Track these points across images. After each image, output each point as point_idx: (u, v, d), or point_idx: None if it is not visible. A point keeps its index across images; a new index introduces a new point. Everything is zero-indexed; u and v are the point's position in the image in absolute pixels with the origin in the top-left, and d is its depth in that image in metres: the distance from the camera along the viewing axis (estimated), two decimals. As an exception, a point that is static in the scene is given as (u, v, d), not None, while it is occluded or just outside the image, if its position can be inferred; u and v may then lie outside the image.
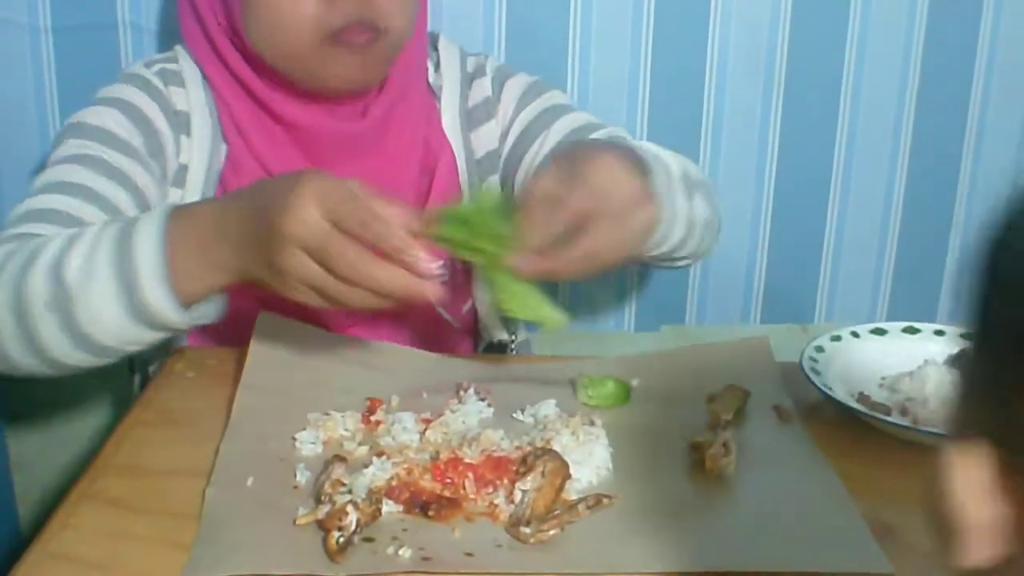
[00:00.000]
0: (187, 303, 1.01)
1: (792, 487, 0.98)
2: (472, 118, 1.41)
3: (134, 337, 1.04)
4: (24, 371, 1.08)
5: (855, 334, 1.22)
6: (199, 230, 1.01)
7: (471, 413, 1.06)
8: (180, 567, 0.84)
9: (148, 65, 1.32)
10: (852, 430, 1.09)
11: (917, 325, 1.24)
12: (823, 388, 1.10)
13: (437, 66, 1.41)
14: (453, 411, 1.06)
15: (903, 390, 1.13)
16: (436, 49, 1.42)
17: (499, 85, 1.43)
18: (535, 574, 0.85)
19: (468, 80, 1.42)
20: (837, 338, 1.21)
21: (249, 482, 0.95)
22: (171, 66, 1.32)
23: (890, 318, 1.77)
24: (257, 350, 1.13)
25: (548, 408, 1.08)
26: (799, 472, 1.01)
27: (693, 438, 1.03)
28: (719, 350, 1.23)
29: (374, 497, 0.90)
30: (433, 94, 1.39)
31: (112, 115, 1.25)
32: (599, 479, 0.98)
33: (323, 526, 0.87)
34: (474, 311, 1.40)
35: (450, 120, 1.39)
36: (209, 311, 1.05)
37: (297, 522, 0.89)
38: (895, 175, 1.73)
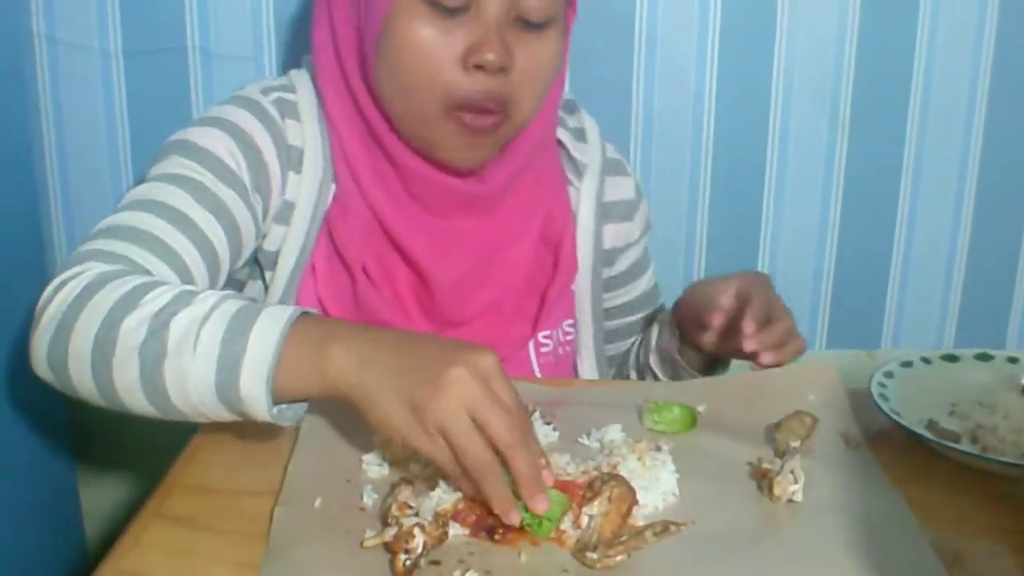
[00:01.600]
0: (278, 401, 0.97)
1: (860, 515, 0.97)
2: (609, 212, 1.42)
3: (211, 412, 0.99)
4: (77, 394, 1.04)
5: (926, 360, 1.21)
6: (328, 332, 0.97)
7: (537, 437, 1.06)
8: (249, 587, 0.85)
9: (265, 92, 1.28)
10: (921, 457, 1.08)
11: (990, 352, 1.22)
12: (891, 414, 1.09)
13: (581, 136, 1.40)
14: (519, 434, 1.06)
15: (974, 417, 1.12)
16: (572, 114, 1.41)
17: (639, 194, 1.47)
18: (602, 599, 0.85)
19: (608, 168, 1.42)
20: (908, 364, 1.20)
21: (317, 503, 0.95)
22: (288, 96, 1.28)
23: (958, 344, 1.76)
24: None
25: (614, 433, 1.07)
26: (867, 500, 0.99)
27: (760, 465, 1.02)
28: (786, 376, 1.22)
29: (441, 520, 0.90)
30: (574, 166, 1.39)
31: (223, 140, 1.22)
32: (665, 505, 0.98)
33: (390, 548, 0.87)
34: None
35: (587, 201, 1.39)
36: (292, 415, 1.00)
37: (364, 544, 0.89)
38: (962, 201, 1.72)
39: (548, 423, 1.09)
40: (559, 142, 1.38)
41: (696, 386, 1.22)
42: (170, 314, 0.98)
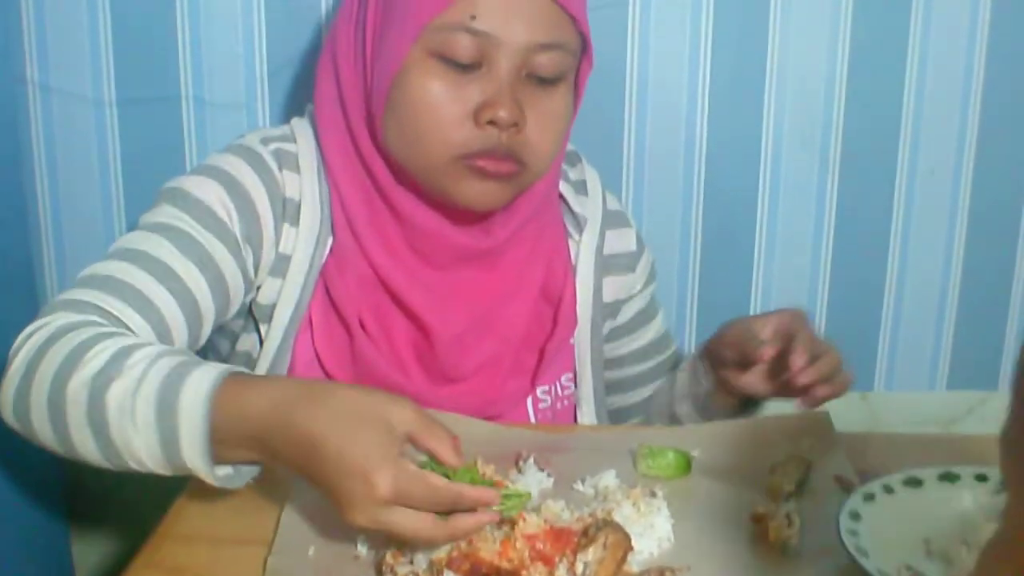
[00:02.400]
0: (223, 463, 0.99)
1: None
2: (610, 264, 1.41)
3: (167, 472, 1.00)
4: (43, 445, 1.05)
5: (888, 488, 1.03)
6: (245, 424, 0.96)
7: (531, 483, 1.06)
8: (242, 638, 0.84)
9: (265, 142, 1.27)
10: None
11: (954, 471, 1.06)
12: (860, 560, 0.93)
13: (582, 188, 1.40)
14: (513, 481, 1.06)
15: (956, 559, 0.97)
16: (573, 166, 1.41)
17: (641, 246, 1.46)
18: (598, 648, 0.85)
19: (609, 221, 1.41)
20: (870, 497, 1.02)
21: (310, 552, 0.95)
22: (288, 147, 1.27)
23: (951, 386, 1.76)
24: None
25: (609, 479, 1.07)
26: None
27: (755, 510, 1.02)
28: (779, 421, 1.22)
29: (435, 568, 0.90)
30: (574, 220, 1.38)
31: (215, 190, 1.21)
32: (661, 551, 0.98)
33: (385, 597, 0.87)
34: None
35: (587, 255, 1.38)
36: (247, 474, 1.01)
37: (359, 593, 0.89)
38: (953, 242, 1.72)
39: (542, 469, 1.09)
40: (560, 195, 1.38)
41: (690, 431, 1.22)
42: (105, 382, 0.99)
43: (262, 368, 1.27)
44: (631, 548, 0.94)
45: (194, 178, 1.23)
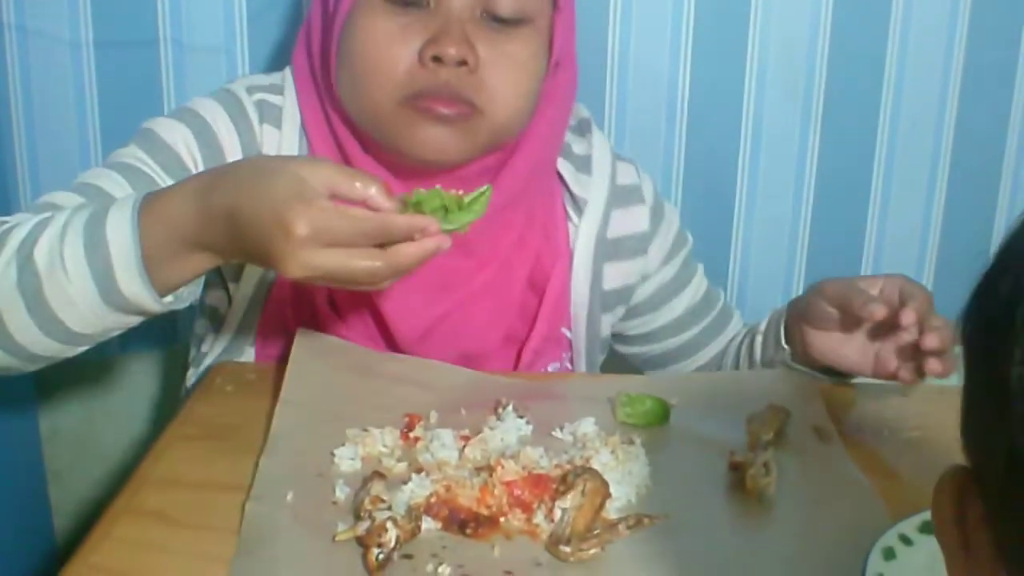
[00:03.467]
0: (165, 289, 0.99)
1: (833, 508, 0.98)
2: (617, 248, 1.33)
3: (110, 324, 1.01)
4: None
5: (905, 539, 0.89)
6: (173, 228, 0.97)
7: (510, 430, 1.06)
8: (220, 581, 0.84)
9: (251, 91, 1.24)
10: (892, 451, 1.09)
11: None
12: None
13: (585, 165, 1.31)
14: (492, 428, 1.06)
15: None
16: (582, 137, 1.34)
17: (657, 219, 1.37)
18: (575, 593, 0.85)
19: (616, 199, 1.32)
20: (891, 554, 0.87)
21: (288, 497, 0.95)
22: (273, 99, 1.24)
23: (929, 338, 1.76)
24: (296, 365, 1.13)
25: (587, 426, 1.07)
26: (840, 493, 1.00)
27: (733, 458, 1.02)
28: (759, 371, 1.23)
29: (413, 514, 0.90)
30: (575, 202, 1.30)
31: (184, 136, 1.19)
32: (638, 498, 0.98)
33: (363, 542, 0.87)
34: None
35: (586, 241, 1.30)
36: (189, 294, 1.03)
37: (336, 538, 0.89)
38: (934, 193, 1.72)
39: (521, 416, 1.09)
40: (559, 176, 1.31)
41: (668, 379, 1.23)
42: (31, 244, 0.98)
43: (230, 324, 1.26)
44: (609, 495, 0.94)
45: (167, 120, 1.22)
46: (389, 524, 0.87)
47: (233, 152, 1.21)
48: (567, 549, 0.88)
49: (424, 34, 1.12)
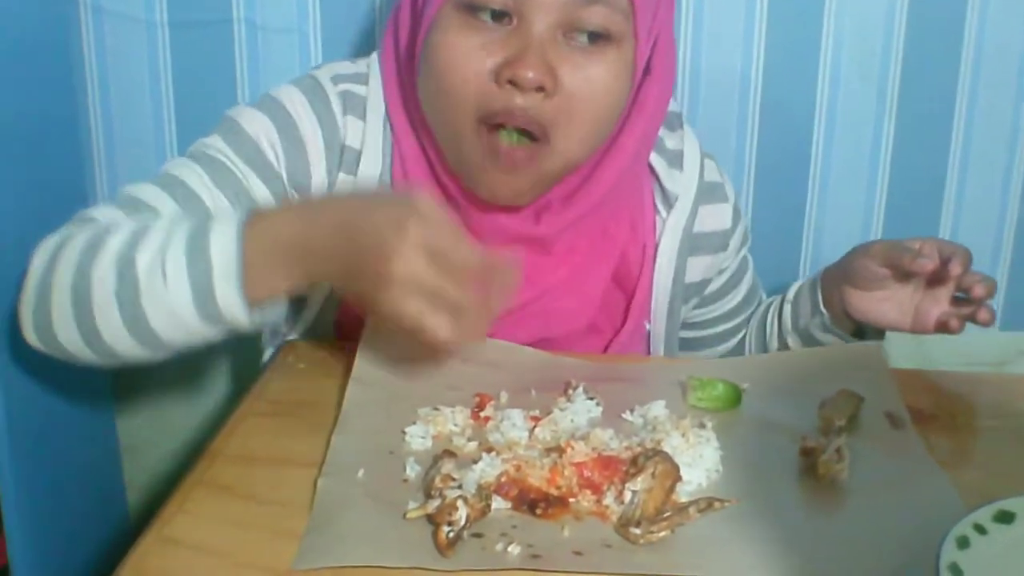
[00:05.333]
0: (256, 304, 1.00)
1: (905, 495, 0.96)
2: (699, 243, 1.34)
3: (197, 333, 1.02)
4: (69, 355, 1.06)
5: (980, 528, 0.85)
6: (278, 239, 0.98)
7: (580, 412, 1.06)
8: (291, 555, 0.85)
9: (336, 80, 1.23)
10: (967, 439, 1.07)
11: None
12: None
13: (677, 160, 1.32)
14: (562, 409, 1.06)
15: None
16: (673, 132, 1.33)
17: (737, 218, 1.39)
18: (645, 575, 0.84)
19: (703, 196, 1.33)
20: (965, 543, 0.84)
21: (360, 474, 0.95)
22: (358, 89, 1.23)
23: (1004, 327, 1.74)
24: (367, 344, 1.13)
25: (658, 409, 1.07)
26: (913, 480, 0.99)
27: (805, 443, 1.01)
28: (831, 354, 1.22)
29: (484, 493, 0.90)
30: (664, 196, 1.31)
31: (266, 128, 1.20)
32: (709, 482, 0.97)
33: (433, 520, 0.87)
34: None
35: (672, 236, 1.31)
36: (275, 313, 1.04)
37: (407, 516, 0.89)
38: (1010, 183, 1.69)
39: (591, 398, 1.09)
40: (652, 170, 1.31)
41: (740, 363, 1.22)
42: (132, 251, 0.99)
43: (311, 309, 1.28)
44: (680, 478, 0.94)
45: (251, 111, 1.22)
46: (459, 502, 0.87)
47: (315, 145, 1.21)
48: (637, 531, 0.88)
49: (503, 52, 1.09)
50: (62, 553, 1.47)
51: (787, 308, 1.39)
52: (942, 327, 1.24)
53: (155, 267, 0.98)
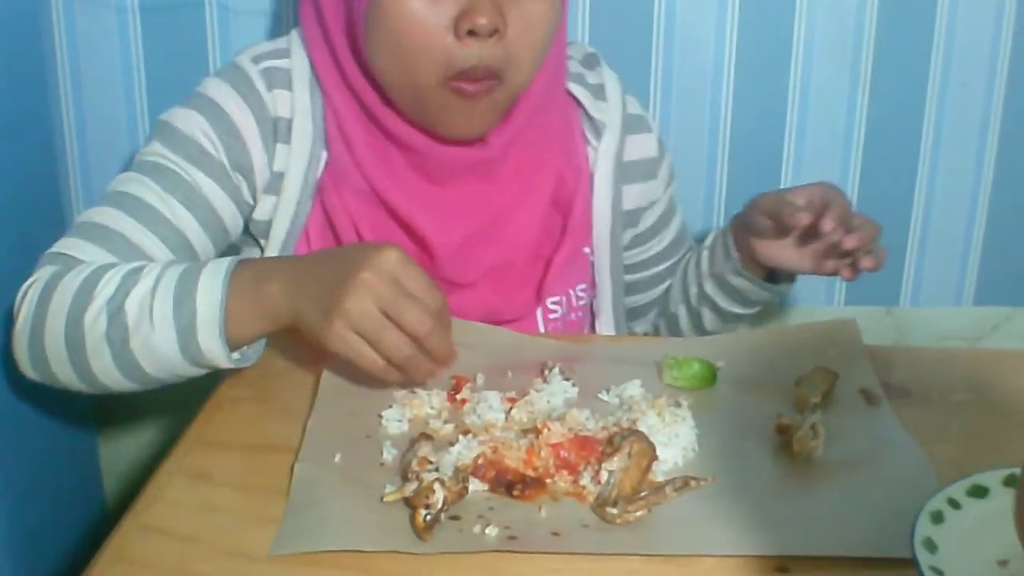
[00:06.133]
0: (235, 347, 1.07)
1: (881, 471, 0.97)
2: (630, 171, 1.40)
3: (183, 373, 1.09)
4: (65, 387, 1.14)
5: (953, 503, 0.85)
6: (262, 271, 1.06)
7: (556, 392, 1.06)
8: (269, 541, 0.85)
9: (256, 60, 1.28)
10: (941, 414, 1.08)
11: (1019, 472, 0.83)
12: None
13: (600, 93, 1.38)
14: (538, 390, 1.06)
15: None
16: (592, 70, 1.39)
17: (662, 149, 1.45)
18: (622, 555, 0.85)
19: (629, 126, 1.39)
20: (939, 518, 0.83)
21: (337, 458, 0.95)
22: (280, 63, 1.27)
23: (977, 302, 1.75)
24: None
25: (633, 388, 1.07)
26: (888, 456, 0.99)
27: (780, 420, 1.01)
28: (806, 332, 1.22)
29: (460, 475, 0.90)
30: (593, 126, 1.37)
31: (199, 123, 1.24)
32: (685, 460, 0.98)
33: (410, 503, 0.87)
34: None
35: (605, 162, 1.36)
36: (253, 355, 1.10)
37: (384, 499, 0.89)
38: (983, 156, 1.70)
39: (567, 379, 1.09)
40: (577, 101, 1.36)
41: (715, 341, 1.22)
42: (122, 297, 1.06)
43: None
44: (656, 457, 0.94)
45: (182, 111, 1.26)
46: (436, 485, 0.87)
47: (248, 126, 1.25)
48: (614, 511, 0.88)
49: (454, 8, 1.14)
50: (39, 540, 1.46)
51: (704, 254, 1.45)
52: (834, 273, 1.29)
53: (144, 311, 1.05)
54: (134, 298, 1.06)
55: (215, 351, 1.05)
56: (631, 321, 1.53)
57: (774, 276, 1.40)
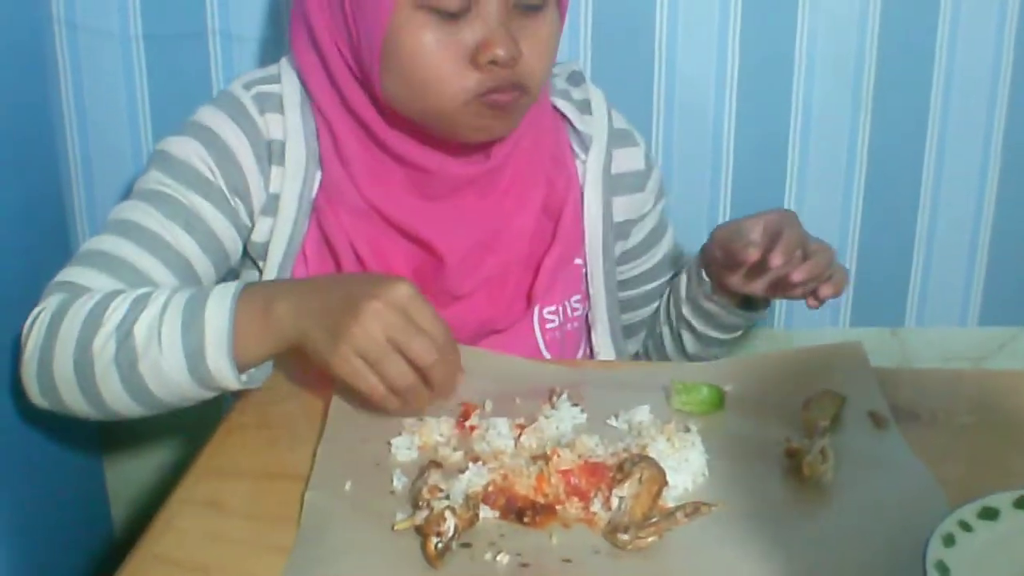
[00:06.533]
0: (244, 368, 1.09)
1: (891, 494, 0.97)
2: (619, 183, 1.42)
3: (191, 395, 1.11)
4: (74, 414, 1.16)
5: (965, 525, 0.85)
6: (269, 293, 1.09)
7: (565, 419, 1.06)
8: (280, 570, 0.85)
9: (247, 86, 1.30)
10: (948, 435, 1.08)
11: None
12: None
13: (586, 108, 1.41)
14: (547, 416, 1.06)
15: None
16: (577, 86, 1.42)
17: (649, 164, 1.46)
18: (634, 582, 0.85)
19: (616, 140, 1.42)
20: (951, 541, 0.83)
21: (347, 487, 0.95)
22: (271, 88, 1.30)
23: (982, 322, 1.76)
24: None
25: (642, 414, 1.07)
26: (897, 479, 0.99)
27: (789, 445, 1.01)
28: (813, 355, 1.22)
29: (471, 503, 0.90)
30: (580, 140, 1.39)
31: (195, 149, 1.26)
32: (695, 486, 0.98)
33: (421, 531, 0.87)
34: None
35: (594, 174, 1.39)
36: (261, 376, 1.13)
37: (395, 527, 0.89)
38: (986, 175, 1.71)
39: (576, 405, 1.09)
40: (564, 116, 1.39)
41: (722, 365, 1.22)
42: (131, 322, 1.09)
43: None
44: (666, 483, 0.94)
45: (176, 139, 1.28)
46: (447, 513, 0.87)
47: (242, 149, 1.27)
48: (625, 537, 0.88)
49: (471, 39, 1.17)
50: (46, 566, 1.46)
51: (682, 277, 1.46)
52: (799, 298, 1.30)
53: (152, 335, 1.08)
54: (143, 322, 1.08)
55: (224, 372, 1.07)
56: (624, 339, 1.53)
57: (751, 300, 1.41)
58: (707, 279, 1.39)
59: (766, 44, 1.62)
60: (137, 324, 1.08)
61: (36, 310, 1.15)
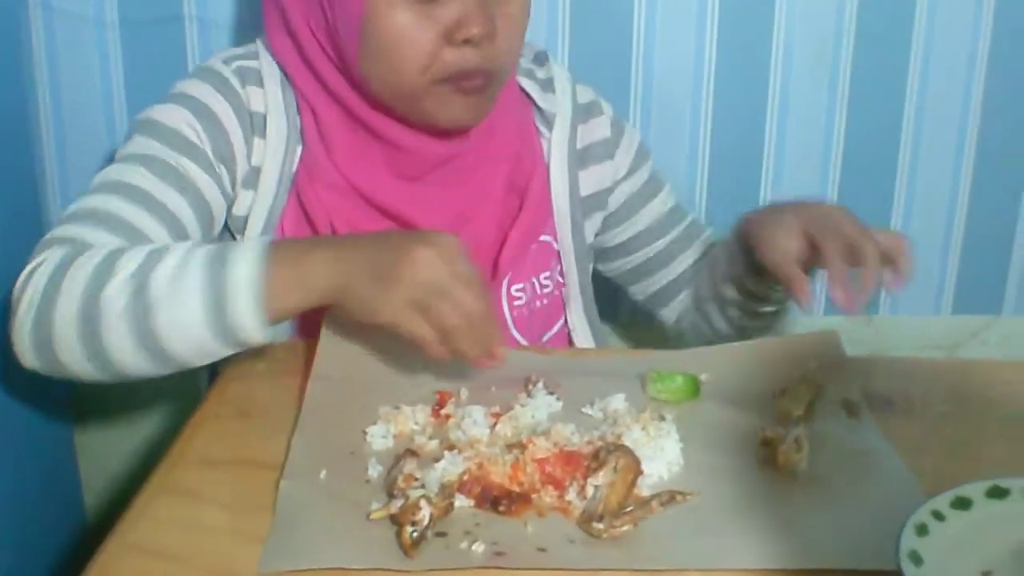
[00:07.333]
0: (271, 321, 1.04)
1: (864, 483, 0.97)
2: (586, 156, 1.42)
3: (208, 351, 1.05)
4: (71, 374, 1.09)
5: (937, 515, 0.86)
6: (302, 246, 1.07)
7: (540, 407, 1.06)
8: (255, 559, 0.85)
9: (227, 61, 1.30)
10: (923, 425, 1.08)
11: (1002, 484, 0.89)
12: None
13: (549, 86, 1.40)
14: (523, 405, 1.06)
15: None
16: (541, 66, 1.42)
17: (618, 130, 1.46)
18: (609, 570, 0.85)
19: (580, 115, 1.42)
20: (924, 530, 0.84)
21: (322, 475, 0.95)
22: (251, 63, 1.30)
23: (955, 310, 1.77)
24: (327, 343, 1.13)
25: (618, 402, 1.07)
26: (871, 468, 1.00)
27: (764, 434, 1.02)
28: (788, 343, 1.22)
29: (446, 491, 0.90)
30: (544, 117, 1.39)
31: (183, 115, 1.24)
32: (670, 474, 0.98)
33: (396, 520, 0.87)
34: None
35: (559, 151, 1.39)
36: (283, 331, 1.10)
37: (370, 516, 0.89)
38: (960, 168, 1.72)
39: (551, 393, 1.09)
40: (527, 95, 1.39)
41: (698, 354, 1.22)
42: (147, 271, 1.03)
43: None
44: (641, 472, 0.94)
45: (161, 107, 1.26)
46: (422, 502, 0.87)
47: (229, 121, 1.26)
48: (600, 526, 0.89)
49: (447, 18, 1.17)
50: (18, 554, 1.45)
51: (719, 256, 1.42)
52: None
53: (171, 283, 1.03)
54: (161, 271, 1.03)
55: (248, 322, 1.02)
56: (660, 308, 1.53)
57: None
58: (738, 264, 1.35)
59: (744, 36, 1.62)
60: (155, 272, 1.03)
61: (31, 266, 1.09)
